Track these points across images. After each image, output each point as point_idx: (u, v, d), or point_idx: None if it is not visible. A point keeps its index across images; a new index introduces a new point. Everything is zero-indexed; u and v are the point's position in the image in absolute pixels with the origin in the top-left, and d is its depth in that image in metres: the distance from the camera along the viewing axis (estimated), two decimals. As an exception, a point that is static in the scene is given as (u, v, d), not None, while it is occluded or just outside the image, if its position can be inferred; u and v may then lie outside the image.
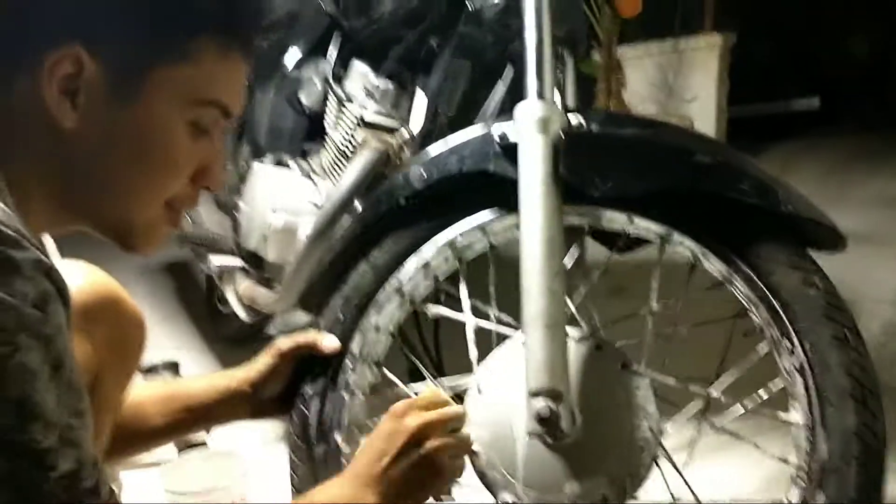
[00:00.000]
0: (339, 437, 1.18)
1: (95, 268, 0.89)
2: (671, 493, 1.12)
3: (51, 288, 0.68)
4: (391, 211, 1.20)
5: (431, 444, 1.00)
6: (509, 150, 1.12)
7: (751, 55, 3.44)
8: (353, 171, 1.60)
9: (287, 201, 1.72)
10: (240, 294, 1.89)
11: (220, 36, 0.82)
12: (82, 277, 1.06)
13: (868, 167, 3.24)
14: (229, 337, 2.42)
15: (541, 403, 1.05)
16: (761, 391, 1.09)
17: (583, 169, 1.10)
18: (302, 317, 2.49)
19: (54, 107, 0.76)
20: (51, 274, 0.69)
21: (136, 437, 1.16)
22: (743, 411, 1.10)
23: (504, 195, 1.15)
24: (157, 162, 0.81)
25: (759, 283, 1.08)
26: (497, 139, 1.13)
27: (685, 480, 1.11)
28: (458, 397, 1.22)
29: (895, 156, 3.46)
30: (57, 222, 0.83)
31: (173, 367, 2.00)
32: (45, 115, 0.76)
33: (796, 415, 1.06)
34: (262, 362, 1.19)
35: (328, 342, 1.19)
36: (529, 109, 1.09)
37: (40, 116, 0.76)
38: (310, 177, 1.75)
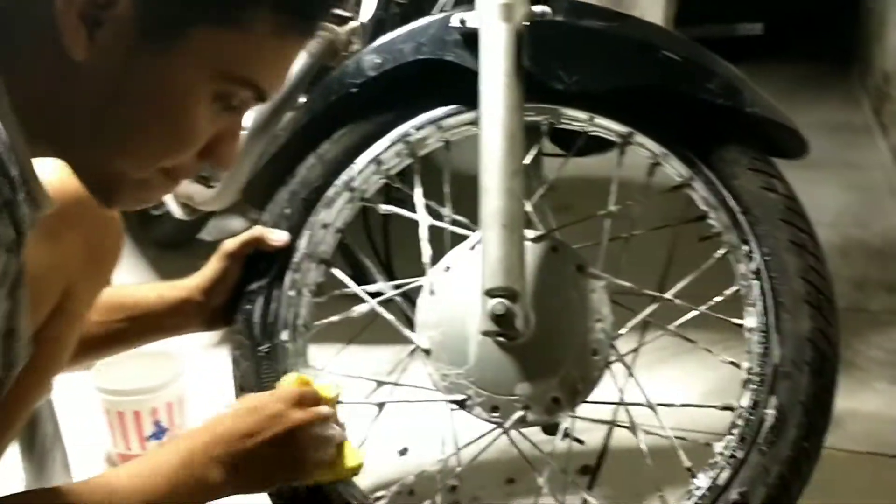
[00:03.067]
0: (284, 335, 1.14)
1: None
2: (622, 396, 1.12)
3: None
4: (342, 100, 1.14)
5: (303, 435, 0.92)
6: (469, 39, 1.07)
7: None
8: (295, 64, 1.52)
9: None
10: (175, 191, 1.81)
11: (283, 14, 0.70)
12: (55, 176, 0.91)
13: (814, 95, 3.27)
14: (161, 241, 2.34)
15: (496, 302, 1.03)
16: (717, 298, 1.08)
17: (547, 61, 1.06)
18: (236, 222, 2.44)
19: (68, 32, 0.65)
20: (13, 213, 0.62)
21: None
22: (696, 315, 1.09)
23: (462, 89, 1.10)
24: (167, 126, 0.71)
25: (720, 186, 1.06)
26: (457, 25, 1.08)
27: (637, 383, 1.10)
28: (409, 298, 1.20)
29: (842, 85, 3.50)
30: (38, 145, 0.72)
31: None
32: (54, 37, 0.66)
33: (750, 320, 1.06)
34: (210, 268, 1.13)
35: (277, 236, 1.14)
36: (493, -6, 1.03)
37: (49, 37, 0.66)
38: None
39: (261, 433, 0.88)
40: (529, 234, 1.09)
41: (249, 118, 1.60)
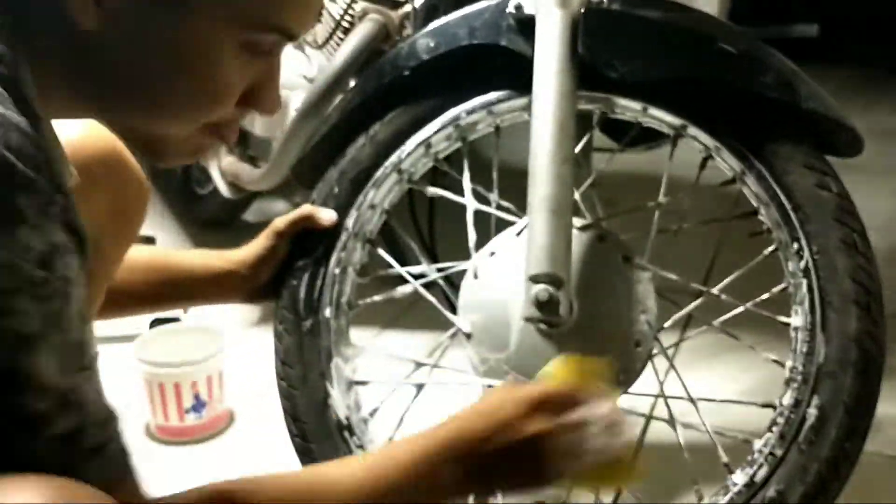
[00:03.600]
0: (327, 312, 1.15)
1: (96, 122, 0.77)
2: (662, 390, 1.11)
3: (62, 238, 0.59)
4: (394, 82, 1.15)
5: (544, 445, 0.80)
6: (524, 25, 1.07)
7: (757, -29, 3.38)
8: (349, 45, 1.53)
9: (278, 75, 1.65)
10: (223, 170, 1.83)
11: None
12: (81, 133, 0.94)
13: (866, 100, 3.23)
14: (204, 220, 2.36)
15: (540, 288, 1.03)
16: (764, 295, 1.07)
17: (602, 49, 1.06)
18: (280, 205, 2.45)
19: (73, 2, 0.63)
20: (67, 219, 0.59)
21: (111, 299, 1.10)
22: (741, 311, 1.08)
23: (515, 74, 1.10)
24: (196, 84, 0.67)
25: (772, 182, 1.05)
26: (513, 10, 1.08)
27: (679, 377, 1.10)
28: (451, 282, 1.20)
29: (894, 92, 3.44)
30: (79, 116, 0.72)
31: (149, 241, 1.95)
32: (63, 14, 0.63)
33: (796, 318, 1.05)
34: (259, 244, 1.14)
35: (326, 215, 1.15)
36: (550, -19, 1.03)
37: (58, 13, 0.63)
38: (302, 49, 1.68)
39: (494, 439, 0.80)
40: (577, 222, 1.09)
41: (296, 97, 1.61)
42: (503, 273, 1.10)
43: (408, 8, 1.51)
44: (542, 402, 0.81)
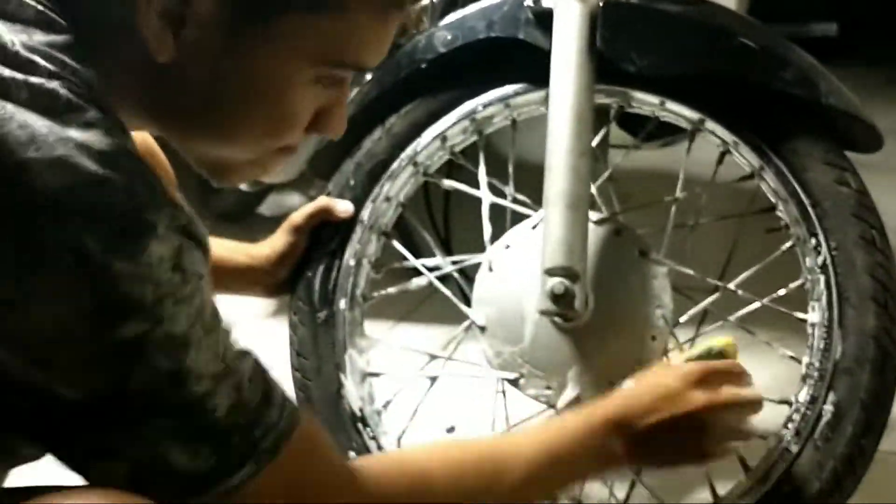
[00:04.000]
0: (342, 304, 1.15)
1: None
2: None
3: (186, 241, 0.61)
4: (411, 75, 1.15)
5: (706, 421, 0.85)
6: (543, 18, 1.07)
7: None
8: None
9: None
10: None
11: None
12: None
13: (885, 100, 3.21)
14: (221, 213, 2.37)
15: (556, 281, 1.03)
16: (781, 291, 1.07)
17: (620, 43, 1.05)
18: (295, 198, 2.46)
19: (152, 36, 0.63)
20: (186, 227, 0.61)
21: None
22: (757, 307, 1.08)
23: (533, 68, 1.10)
24: (269, 114, 0.68)
25: (791, 178, 1.05)
26: (531, 3, 1.07)
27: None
28: (465, 275, 1.20)
29: (914, 92, 3.42)
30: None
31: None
32: (138, 46, 0.64)
33: (813, 315, 1.04)
34: (279, 241, 1.15)
35: (342, 206, 1.15)
36: (569, -26, 1.03)
37: (133, 47, 0.64)
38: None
39: (657, 413, 0.84)
40: (593, 216, 1.08)
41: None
42: (518, 266, 1.10)
43: (425, 2, 1.51)
44: (704, 378, 0.85)
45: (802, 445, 1.02)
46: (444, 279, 1.19)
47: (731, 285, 1.08)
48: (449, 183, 1.21)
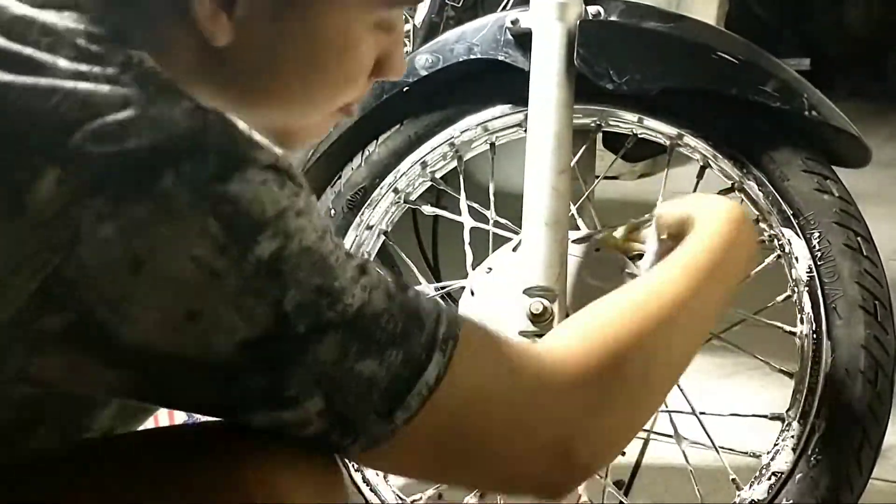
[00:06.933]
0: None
1: None
2: (665, 403, 1.09)
3: (286, 171, 0.61)
4: (393, 99, 1.14)
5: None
6: (522, 39, 1.07)
7: (749, 8, 3.41)
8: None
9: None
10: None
11: None
12: None
13: (865, 132, 3.27)
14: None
15: (534, 301, 1.01)
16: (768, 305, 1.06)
17: (598, 61, 1.05)
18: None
19: (206, 21, 0.63)
20: (281, 161, 0.61)
21: None
22: (744, 321, 1.06)
23: (513, 89, 1.10)
24: (335, 72, 0.69)
25: (772, 188, 1.04)
26: (510, 25, 1.08)
27: (681, 390, 1.07)
28: (452, 298, 1.18)
29: (888, 123, 3.46)
30: None
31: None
32: (194, 35, 0.64)
33: (801, 326, 1.03)
34: None
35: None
36: (547, -6, 1.03)
37: (189, 39, 0.64)
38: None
39: (727, 220, 0.81)
40: (573, 234, 1.08)
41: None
42: (499, 289, 1.08)
43: (407, 26, 1.51)
44: None
45: (796, 462, 1.00)
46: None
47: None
48: (429, 209, 1.20)
